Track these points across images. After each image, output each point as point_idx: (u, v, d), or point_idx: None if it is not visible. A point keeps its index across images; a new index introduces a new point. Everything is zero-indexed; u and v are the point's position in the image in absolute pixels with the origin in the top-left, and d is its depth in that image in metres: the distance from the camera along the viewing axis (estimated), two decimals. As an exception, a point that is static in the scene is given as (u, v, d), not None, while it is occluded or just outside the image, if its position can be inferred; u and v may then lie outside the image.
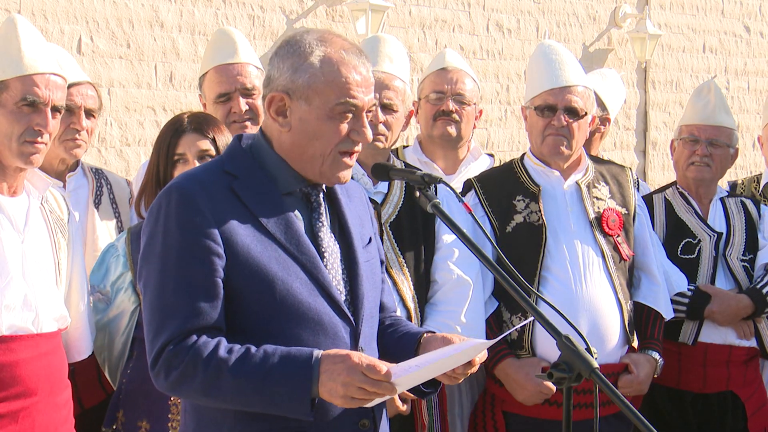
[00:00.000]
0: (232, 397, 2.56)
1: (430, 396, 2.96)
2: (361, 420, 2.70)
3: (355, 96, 2.68)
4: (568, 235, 4.10)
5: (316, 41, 2.71)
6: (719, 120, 4.75)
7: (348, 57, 2.69)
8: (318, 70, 2.67)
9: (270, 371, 2.53)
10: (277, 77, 2.72)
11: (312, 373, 2.51)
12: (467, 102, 4.64)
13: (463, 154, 4.76)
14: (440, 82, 4.67)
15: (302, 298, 2.65)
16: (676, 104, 10.64)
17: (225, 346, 2.57)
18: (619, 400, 2.42)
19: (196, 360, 2.55)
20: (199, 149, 3.67)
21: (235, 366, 2.54)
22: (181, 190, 2.65)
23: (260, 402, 2.56)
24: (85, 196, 4.17)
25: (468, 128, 4.68)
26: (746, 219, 4.75)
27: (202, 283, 2.59)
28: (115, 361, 3.81)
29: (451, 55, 4.85)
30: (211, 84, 4.34)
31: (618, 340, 4.10)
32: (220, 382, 2.54)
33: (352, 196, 2.91)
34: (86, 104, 4.09)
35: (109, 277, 3.78)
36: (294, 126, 2.70)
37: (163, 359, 2.58)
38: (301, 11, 8.40)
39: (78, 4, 7.29)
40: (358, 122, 2.71)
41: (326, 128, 2.68)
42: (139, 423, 3.65)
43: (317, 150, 2.70)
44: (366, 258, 2.82)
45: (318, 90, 2.67)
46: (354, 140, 2.72)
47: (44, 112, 3.29)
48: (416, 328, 2.91)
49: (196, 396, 2.62)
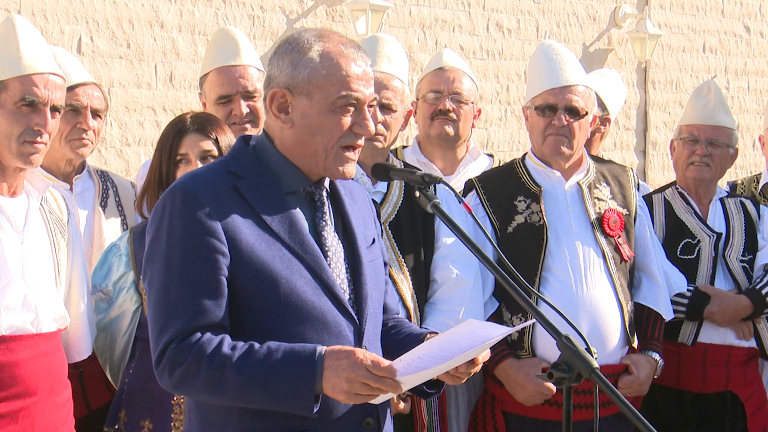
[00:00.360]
0: (235, 393, 2.57)
1: (433, 396, 2.97)
2: (366, 418, 2.71)
3: (355, 89, 2.69)
4: (569, 236, 4.10)
5: (315, 37, 2.72)
6: (719, 120, 4.75)
7: (347, 51, 2.71)
8: (318, 64, 2.68)
9: (273, 367, 2.53)
10: (277, 75, 2.73)
11: (316, 368, 2.52)
12: (465, 101, 4.64)
13: (461, 154, 4.76)
14: (437, 81, 4.67)
15: (306, 296, 2.66)
16: (676, 104, 10.64)
17: (228, 343, 2.57)
18: (619, 400, 2.42)
19: (199, 357, 2.55)
20: (202, 149, 3.67)
21: (238, 362, 2.54)
22: (185, 189, 2.66)
23: (264, 398, 2.56)
24: (91, 198, 4.17)
25: (466, 127, 4.68)
26: (746, 219, 4.74)
27: (205, 282, 2.60)
28: (117, 361, 3.81)
29: (449, 54, 4.85)
30: (213, 85, 4.33)
31: (618, 341, 4.10)
32: (224, 378, 2.55)
33: (356, 197, 2.92)
34: (92, 104, 4.09)
35: (111, 276, 3.78)
36: (296, 122, 2.71)
37: (167, 357, 2.59)
38: (301, 11, 8.40)
39: (78, 4, 7.29)
40: (359, 115, 2.72)
41: (328, 122, 2.69)
42: (142, 423, 3.65)
43: (320, 144, 2.71)
44: (370, 258, 2.83)
45: (318, 84, 2.68)
46: (356, 133, 2.73)
47: (43, 112, 3.29)
48: (419, 329, 2.92)
49: (200, 393, 2.63)
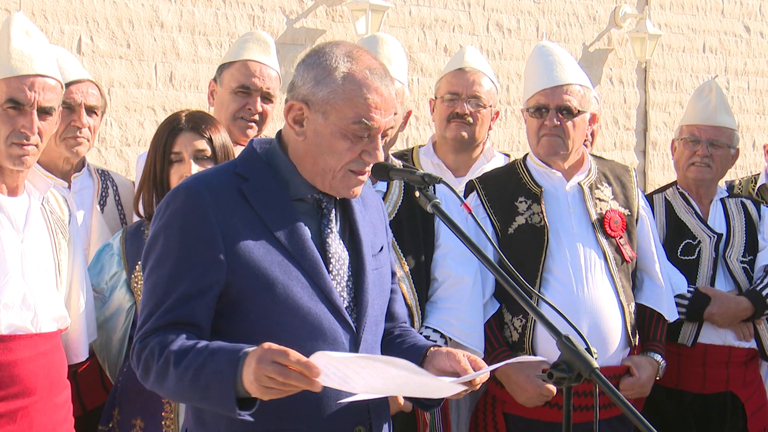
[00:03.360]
0: (174, 388, 2.54)
1: (433, 409, 2.95)
2: (357, 426, 2.69)
3: (372, 118, 2.66)
4: (570, 237, 4.09)
5: (344, 56, 2.69)
6: (720, 120, 4.74)
7: (371, 78, 2.67)
8: (339, 86, 2.66)
9: (204, 362, 2.49)
10: (300, 86, 2.71)
11: (237, 368, 2.44)
12: (483, 104, 4.61)
13: (475, 155, 4.74)
14: (456, 83, 4.63)
15: (302, 302, 2.65)
16: (676, 104, 10.63)
17: (182, 340, 2.55)
18: (620, 401, 2.42)
19: (153, 351, 2.56)
20: (195, 149, 3.66)
21: (178, 356, 2.52)
22: (188, 191, 2.66)
23: (196, 396, 2.53)
24: (90, 196, 4.16)
25: (483, 130, 4.66)
26: (746, 220, 4.74)
27: (190, 285, 2.60)
28: (114, 359, 3.81)
29: (471, 54, 4.78)
30: (238, 73, 4.29)
31: (620, 343, 4.09)
32: (168, 373, 2.53)
33: (368, 204, 2.90)
34: (87, 101, 4.07)
35: (103, 275, 3.78)
36: (309, 137, 2.70)
37: (135, 351, 2.61)
38: (301, 11, 8.39)
39: (78, 4, 7.28)
40: (371, 144, 2.70)
41: (339, 146, 2.67)
42: (134, 421, 3.65)
43: (328, 164, 2.69)
44: (375, 266, 2.81)
45: (336, 106, 2.66)
46: (365, 161, 2.71)
47: (30, 114, 3.28)
48: (424, 341, 2.88)
49: (156, 388, 2.61)
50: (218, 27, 7.89)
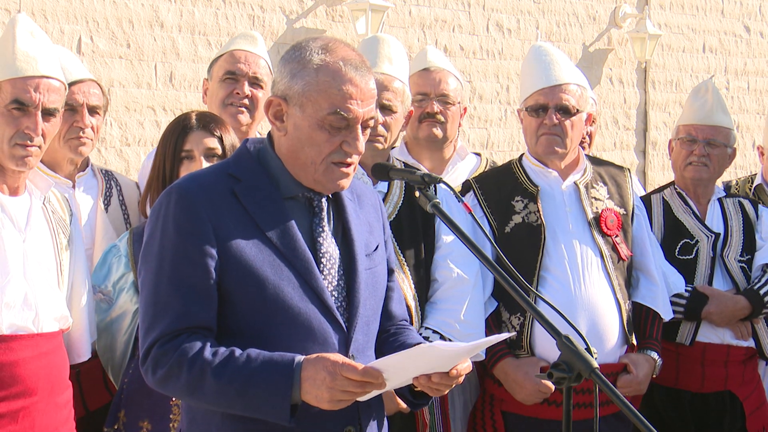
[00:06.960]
0: (214, 399, 2.59)
1: (421, 407, 2.97)
2: (347, 427, 2.70)
3: (348, 108, 2.66)
4: (566, 236, 4.11)
5: (319, 49, 2.70)
6: (717, 120, 4.75)
7: (345, 68, 2.67)
8: (313, 78, 2.67)
9: (252, 375, 2.54)
10: (278, 81, 2.73)
11: (293, 378, 2.53)
12: (452, 102, 4.64)
13: (449, 154, 4.76)
14: (423, 83, 4.66)
15: (293, 302, 2.66)
16: (676, 104, 10.64)
17: (210, 347, 2.59)
18: (619, 400, 2.43)
19: (181, 360, 2.57)
20: (206, 147, 3.69)
21: (218, 368, 2.55)
22: (180, 191, 2.67)
23: (241, 405, 2.57)
24: (94, 197, 4.16)
25: (453, 128, 4.69)
26: (744, 220, 4.75)
27: (194, 285, 2.61)
28: (118, 361, 3.81)
29: (433, 53, 4.83)
30: (224, 63, 4.43)
31: (617, 340, 4.11)
32: (204, 383, 2.56)
33: (364, 202, 2.90)
34: (89, 101, 4.08)
35: (110, 277, 3.78)
36: (289, 131, 2.71)
37: (152, 357, 2.61)
38: (301, 11, 8.40)
39: (78, 4, 7.29)
40: (351, 134, 2.69)
41: (317, 137, 2.68)
42: (141, 423, 3.65)
43: (309, 157, 2.70)
44: (368, 265, 2.81)
45: (311, 98, 2.67)
46: (346, 151, 2.70)
47: (34, 115, 3.30)
48: (417, 338, 2.89)
49: (182, 395, 2.66)
50: (218, 27, 7.90)
